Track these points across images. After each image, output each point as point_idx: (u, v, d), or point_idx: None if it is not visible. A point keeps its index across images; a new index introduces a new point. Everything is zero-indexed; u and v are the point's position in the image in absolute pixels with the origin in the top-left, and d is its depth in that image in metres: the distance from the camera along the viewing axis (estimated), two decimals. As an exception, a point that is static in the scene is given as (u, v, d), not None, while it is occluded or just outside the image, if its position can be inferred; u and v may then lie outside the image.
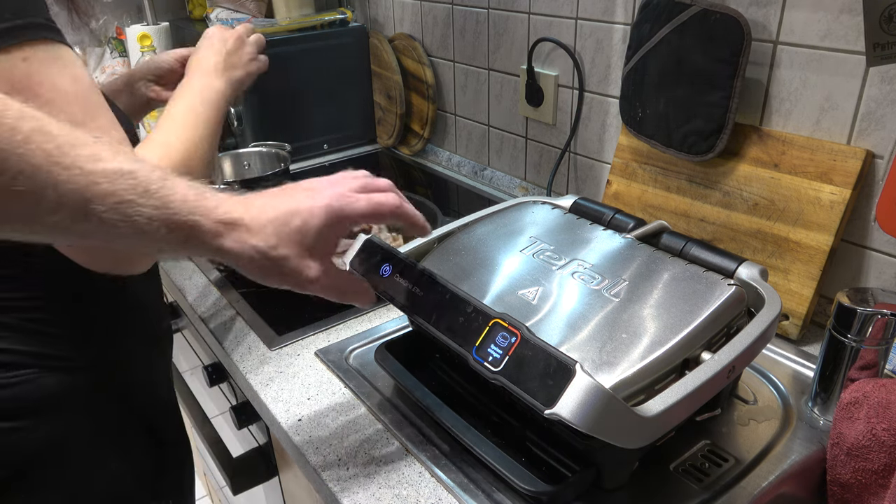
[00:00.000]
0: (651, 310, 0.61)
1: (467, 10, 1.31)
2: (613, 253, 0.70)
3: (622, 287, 0.64)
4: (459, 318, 0.56)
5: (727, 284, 0.63)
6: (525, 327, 0.52)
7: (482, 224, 0.78)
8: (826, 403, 0.70)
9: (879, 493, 0.62)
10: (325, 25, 1.52)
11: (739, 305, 0.63)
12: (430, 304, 0.58)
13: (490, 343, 0.53)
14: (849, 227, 0.81)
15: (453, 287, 0.58)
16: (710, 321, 0.60)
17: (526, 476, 0.59)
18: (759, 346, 0.60)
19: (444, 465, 0.66)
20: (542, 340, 0.50)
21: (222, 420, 1.13)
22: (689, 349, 0.58)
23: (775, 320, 0.61)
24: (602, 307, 0.62)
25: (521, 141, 1.29)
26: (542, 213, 0.80)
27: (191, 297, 1.00)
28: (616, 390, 0.54)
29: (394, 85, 1.50)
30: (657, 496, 0.62)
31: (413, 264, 0.61)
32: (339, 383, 0.79)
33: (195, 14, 1.84)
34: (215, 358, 0.99)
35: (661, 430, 0.53)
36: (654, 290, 0.63)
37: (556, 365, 0.48)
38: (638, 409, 0.50)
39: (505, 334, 0.52)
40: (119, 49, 1.67)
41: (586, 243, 0.72)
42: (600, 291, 0.64)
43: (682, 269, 0.66)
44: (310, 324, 0.90)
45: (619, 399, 0.48)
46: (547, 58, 1.17)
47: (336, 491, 0.65)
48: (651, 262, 0.68)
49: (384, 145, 1.64)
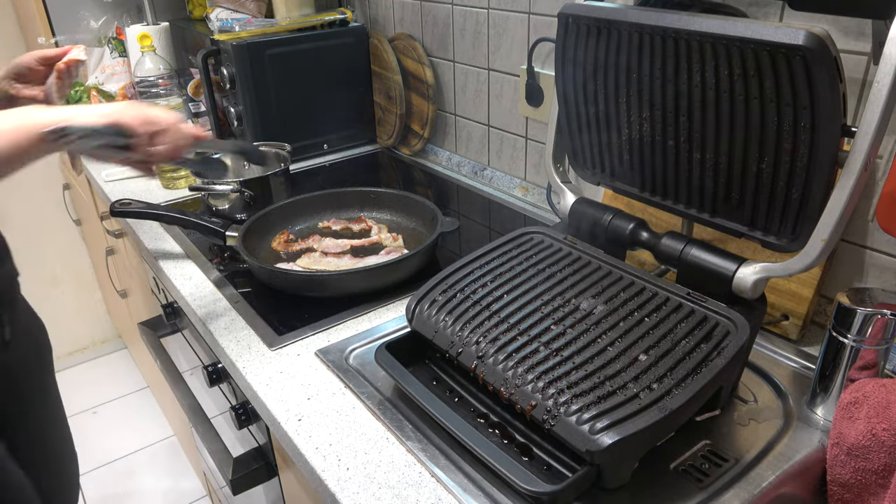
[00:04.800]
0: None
1: (467, 10, 1.31)
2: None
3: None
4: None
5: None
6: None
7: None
8: (826, 403, 0.71)
9: (879, 493, 0.62)
10: (325, 25, 1.52)
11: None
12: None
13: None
14: (849, 227, 0.81)
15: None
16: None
17: (526, 476, 0.59)
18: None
19: (444, 465, 0.66)
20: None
21: (222, 420, 1.13)
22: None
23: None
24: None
25: (521, 141, 1.29)
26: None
27: (191, 297, 1.00)
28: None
29: (394, 85, 1.50)
30: (657, 496, 0.62)
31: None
32: (339, 383, 0.79)
33: (195, 14, 1.84)
34: (215, 358, 0.99)
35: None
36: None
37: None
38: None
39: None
40: (119, 49, 1.67)
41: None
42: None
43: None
44: (310, 324, 0.90)
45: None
46: (547, 58, 1.17)
47: (336, 491, 0.65)
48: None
49: (384, 145, 1.64)
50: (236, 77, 1.41)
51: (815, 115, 0.58)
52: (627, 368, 0.62)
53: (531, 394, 0.62)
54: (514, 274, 0.77)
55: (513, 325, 0.69)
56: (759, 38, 0.58)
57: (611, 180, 0.82)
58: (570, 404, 0.59)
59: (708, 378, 0.60)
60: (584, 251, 0.79)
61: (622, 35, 0.70)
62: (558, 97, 0.81)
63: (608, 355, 0.64)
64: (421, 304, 0.76)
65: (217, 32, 1.45)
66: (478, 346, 0.68)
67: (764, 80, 0.60)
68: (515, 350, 0.66)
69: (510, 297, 0.73)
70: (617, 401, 0.59)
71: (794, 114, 0.59)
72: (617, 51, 0.71)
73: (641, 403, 0.58)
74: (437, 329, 0.72)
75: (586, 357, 0.64)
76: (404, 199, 1.18)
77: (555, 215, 1.22)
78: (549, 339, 0.67)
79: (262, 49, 1.41)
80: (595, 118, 0.78)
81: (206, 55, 1.46)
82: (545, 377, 0.63)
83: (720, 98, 0.64)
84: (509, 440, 0.67)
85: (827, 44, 0.55)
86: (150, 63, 1.40)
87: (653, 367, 0.62)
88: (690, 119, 0.68)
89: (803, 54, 0.55)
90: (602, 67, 0.74)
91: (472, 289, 0.76)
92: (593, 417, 0.58)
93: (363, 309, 0.94)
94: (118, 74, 1.66)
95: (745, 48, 0.59)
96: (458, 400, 0.73)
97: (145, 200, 1.14)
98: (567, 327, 0.68)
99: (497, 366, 0.66)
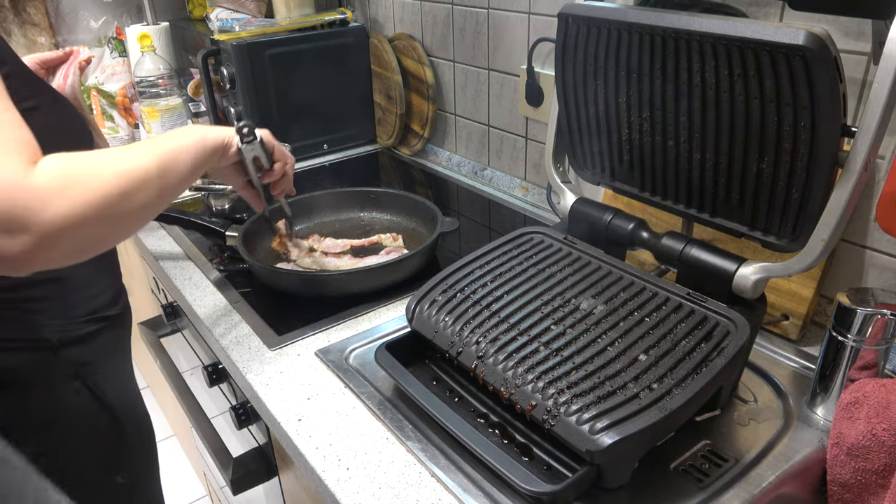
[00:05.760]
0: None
1: (467, 10, 1.31)
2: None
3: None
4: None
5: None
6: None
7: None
8: (826, 403, 0.71)
9: (879, 493, 0.62)
10: (325, 25, 1.52)
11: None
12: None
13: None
14: (849, 227, 0.81)
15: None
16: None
17: (526, 476, 0.59)
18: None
19: (444, 465, 0.66)
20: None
21: (222, 420, 1.12)
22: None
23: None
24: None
25: (521, 141, 1.29)
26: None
27: (191, 297, 1.00)
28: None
29: (394, 85, 1.50)
30: (657, 496, 0.62)
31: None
32: (339, 383, 0.79)
33: (195, 14, 1.84)
34: (215, 358, 0.99)
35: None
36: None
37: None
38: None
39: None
40: (119, 49, 1.67)
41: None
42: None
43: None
44: (310, 324, 0.90)
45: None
46: (547, 58, 1.17)
47: (336, 491, 0.65)
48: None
49: (384, 145, 1.64)
50: (236, 77, 1.41)
51: (816, 115, 0.58)
52: (627, 368, 0.62)
53: (531, 394, 0.62)
54: (514, 274, 0.77)
55: (513, 325, 0.69)
56: (759, 38, 0.58)
57: (611, 180, 0.82)
58: (570, 404, 0.59)
59: (708, 378, 0.60)
60: (584, 251, 0.79)
61: (622, 35, 0.70)
62: (558, 97, 0.81)
63: (608, 355, 0.64)
64: (421, 304, 0.76)
65: (217, 32, 1.45)
66: (478, 346, 0.68)
67: (764, 80, 0.60)
68: (515, 350, 0.66)
69: (510, 297, 0.73)
70: (617, 401, 0.59)
71: (795, 114, 0.59)
72: (617, 51, 0.71)
73: (641, 403, 0.58)
74: (437, 329, 0.72)
75: (586, 357, 0.64)
76: (404, 199, 1.18)
77: (555, 215, 1.22)
78: (549, 339, 0.67)
79: (262, 49, 1.41)
80: (595, 118, 0.78)
81: (206, 55, 1.46)
82: (545, 377, 0.63)
83: (720, 98, 0.64)
84: (509, 440, 0.67)
85: (827, 44, 0.55)
86: (150, 63, 1.40)
87: (653, 367, 0.62)
88: (690, 119, 0.68)
89: (803, 54, 0.55)
90: (602, 67, 0.74)
91: (472, 289, 0.76)
92: (593, 417, 0.58)
93: (363, 309, 0.94)
94: (118, 74, 1.66)
95: (745, 48, 0.59)
96: (458, 400, 0.73)
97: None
98: (567, 327, 0.68)
99: (497, 366, 0.66)
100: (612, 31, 0.70)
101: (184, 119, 1.49)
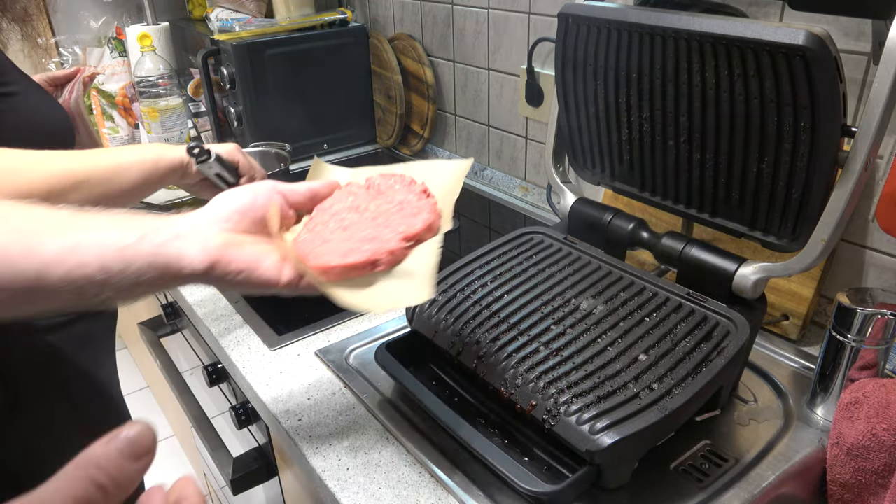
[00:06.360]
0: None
1: (467, 10, 1.31)
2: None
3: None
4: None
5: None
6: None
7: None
8: (826, 403, 0.71)
9: (879, 493, 0.62)
10: (325, 25, 1.52)
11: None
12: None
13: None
14: (849, 227, 0.81)
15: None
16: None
17: (526, 476, 0.59)
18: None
19: (444, 465, 0.66)
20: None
21: (222, 420, 1.12)
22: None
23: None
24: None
25: (521, 141, 1.29)
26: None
27: (191, 297, 1.00)
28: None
29: (394, 85, 1.50)
30: (657, 496, 0.62)
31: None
32: (339, 383, 0.79)
33: (195, 14, 1.84)
34: (215, 358, 0.99)
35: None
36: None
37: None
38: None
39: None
40: (119, 49, 1.67)
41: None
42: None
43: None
44: (310, 324, 0.90)
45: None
46: (547, 58, 1.17)
47: (336, 491, 0.65)
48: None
49: (384, 145, 1.64)
50: (236, 77, 1.41)
51: (815, 115, 0.58)
52: (627, 368, 0.62)
53: (531, 394, 0.62)
54: (514, 274, 0.77)
55: (513, 324, 0.69)
56: (759, 38, 0.58)
57: (611, 180, 0.82)
58: (570, 404, 0.59)
59: (708, 378, 0.60)
60: (584, 251, 0.79)
61: (622, 35, 0.70)
62: (558, 97, 0.81)
63: (608, 355, 0.64)
64: (421, 304, 0.76)
65: (217, 32, 1.45)
66: (478, 346, 0.68)
67: (764, 80, 0.60)
68: (515, 350, 0.66)
69: (510, 297, 0.73)
70: (617, 401, 0.59)
71: (794, 114, 0.59)
72: (617, 51, 0.71)
73: (641, 403, 0.58)
74: (437, 329, 0.72)
75: (586, 357, 0.64)
76: (404, 199, 1.18)
77: (555, 215, 1.22)
78: (549, 338, 0.67)
79: (262, 49, 1.41)
80: (595, 118, 0.78)
81: (206, 55, 1.46)
82: (545, 377, 0.63)
83: (720, 98, 0.64)
84: (509, 440, 0.67)
85: (827, 44, 0.55)
86: (150, 63, 1.40)
87: (653, 367, 0.62)
88: (690, 119, 0.68)
89: (803, 54, 0.55)
90: (602, 67, 0.74)
91: (472, 289, 0.76)
92: (593, 417, 0.58)
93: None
94: (118, 74, 1.66)
95: (745, 48, 0.59)
96: (457, 400, 0.73)
97: (145, 200, 1.14)
98: (567, 327, 0.68)
99: (497, 366, 0.66)
100: (612, 31, 0.70)
101: (184, 119, 1.49)
